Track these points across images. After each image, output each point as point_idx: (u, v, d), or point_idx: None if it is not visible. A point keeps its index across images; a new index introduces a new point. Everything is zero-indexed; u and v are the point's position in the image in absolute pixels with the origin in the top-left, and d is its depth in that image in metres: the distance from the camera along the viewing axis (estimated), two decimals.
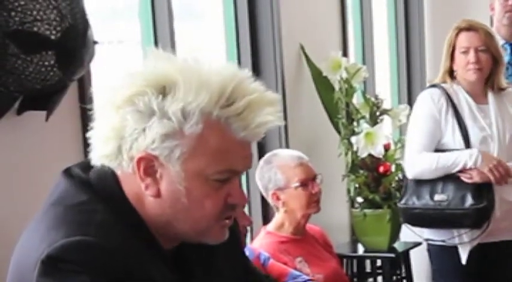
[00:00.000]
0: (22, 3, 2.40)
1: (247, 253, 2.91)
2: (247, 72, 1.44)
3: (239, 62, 4.03)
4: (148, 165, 1.41)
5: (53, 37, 2.44)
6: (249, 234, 2.94)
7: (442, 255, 3.62)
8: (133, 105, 1.39)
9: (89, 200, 1.42)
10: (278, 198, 3.24)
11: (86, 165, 1.49)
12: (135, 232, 1.42)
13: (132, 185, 1.44)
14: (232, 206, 1.46)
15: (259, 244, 3.21)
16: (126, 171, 1.43)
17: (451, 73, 3.64)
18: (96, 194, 1.43)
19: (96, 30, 2.65)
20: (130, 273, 1.35)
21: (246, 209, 3.02)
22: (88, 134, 1.47)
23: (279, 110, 1.43)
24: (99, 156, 1.45)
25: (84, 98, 2.90)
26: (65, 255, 1.33)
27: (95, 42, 2.64)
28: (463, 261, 3.54)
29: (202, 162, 1.40)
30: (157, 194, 1.42)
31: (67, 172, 1.49)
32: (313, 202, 3.25)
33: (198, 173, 1.40)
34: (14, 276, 1.45)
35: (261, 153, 3.95)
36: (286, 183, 3.22)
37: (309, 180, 3.23)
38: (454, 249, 3.56)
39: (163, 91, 1.39)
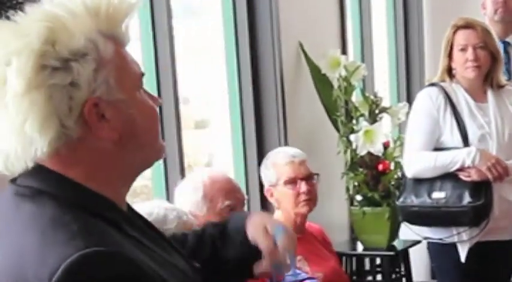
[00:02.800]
0: (20, 2, 2.39)
1: None
2: None
3: (238, 60, 4.02)
4: (97, 111, 1.33)
5: None
6: None
7: (442, 253, 3.62)
8: (45, 68, 1.30)
9: (58, 212, 1.30)
10: (272, 195, 3.27)
11: (27, 174, 1.35)
12: (112, 217, 1.35)
13: (82, 151, 1.36)
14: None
15: None
16: (74, 142, 1.33)
17: (449, 71, 3.63)
18: (59, 203, 1.32)
19: None
20: (140, 261, 1.28)
21: (245, 208, 3.02)
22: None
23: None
24: (43, 148, 1.31)
25: None
26: (74, 277, 1.22)
27: None
28: (462, 259, 3.54)
29: (129, 75, 1.40)
30: (117, 135, 1.36)
31: (19, 192, 1.35)
32: (302, 201, 3.23)
33: (132, 88, 1.40)
34: None
35: (260, 150, 3.96)
36: (276, 180, 3.25)
37: (297, 179, 3.23)
38: (453, 247, 3.55)
39: (53, 41, 1.31)
